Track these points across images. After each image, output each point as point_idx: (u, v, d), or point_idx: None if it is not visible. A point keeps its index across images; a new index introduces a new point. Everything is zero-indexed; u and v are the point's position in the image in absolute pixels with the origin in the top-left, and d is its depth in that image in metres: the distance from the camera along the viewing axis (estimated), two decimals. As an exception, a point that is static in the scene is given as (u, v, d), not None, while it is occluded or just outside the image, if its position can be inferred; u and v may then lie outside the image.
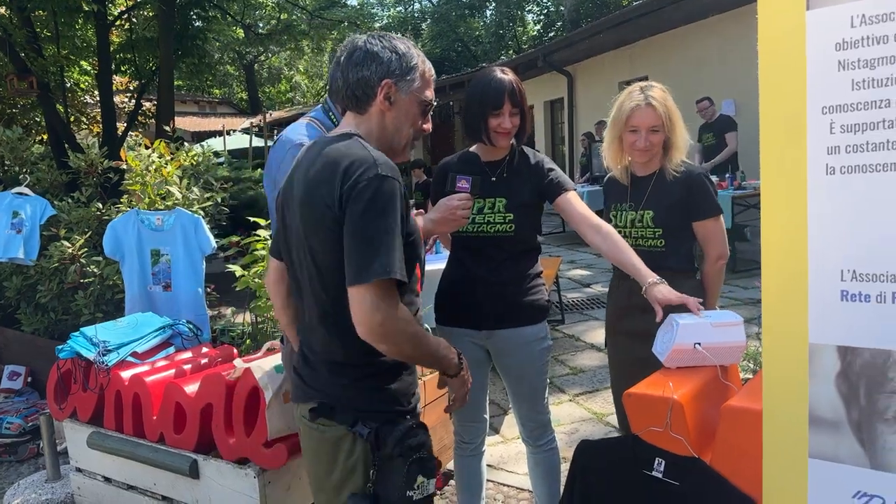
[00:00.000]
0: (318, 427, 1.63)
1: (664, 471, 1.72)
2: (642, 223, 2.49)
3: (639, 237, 2.50)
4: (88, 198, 4.59)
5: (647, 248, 2.46)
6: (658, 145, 2.44)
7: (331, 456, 1.62)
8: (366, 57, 1.60)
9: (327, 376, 1.63)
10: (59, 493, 3.34)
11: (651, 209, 2.47)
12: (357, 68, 1.60)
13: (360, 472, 1.60)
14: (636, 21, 9.99)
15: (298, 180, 1.60)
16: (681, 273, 2.43)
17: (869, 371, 1.27)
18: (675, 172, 2.45)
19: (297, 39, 15.26)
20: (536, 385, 2.45)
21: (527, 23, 27.68)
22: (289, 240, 1.66)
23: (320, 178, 1.52)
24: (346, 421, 1.59)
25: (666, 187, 2.46)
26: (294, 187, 1.61)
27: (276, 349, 2.76)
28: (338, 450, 1.61)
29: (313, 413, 1.63)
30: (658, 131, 2.41)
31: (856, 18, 1.24)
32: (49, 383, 3.14)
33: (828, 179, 1.28)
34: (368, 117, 1.64)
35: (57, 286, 4.29)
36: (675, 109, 2.44)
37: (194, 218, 3.60)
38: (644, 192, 2.50)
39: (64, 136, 7.59)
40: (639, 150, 2.44)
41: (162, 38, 7.86)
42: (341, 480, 1.62)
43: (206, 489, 2.61)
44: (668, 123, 2.41)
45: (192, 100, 23.42)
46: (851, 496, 1.30)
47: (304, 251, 1.59)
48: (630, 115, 2.41)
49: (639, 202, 2.51)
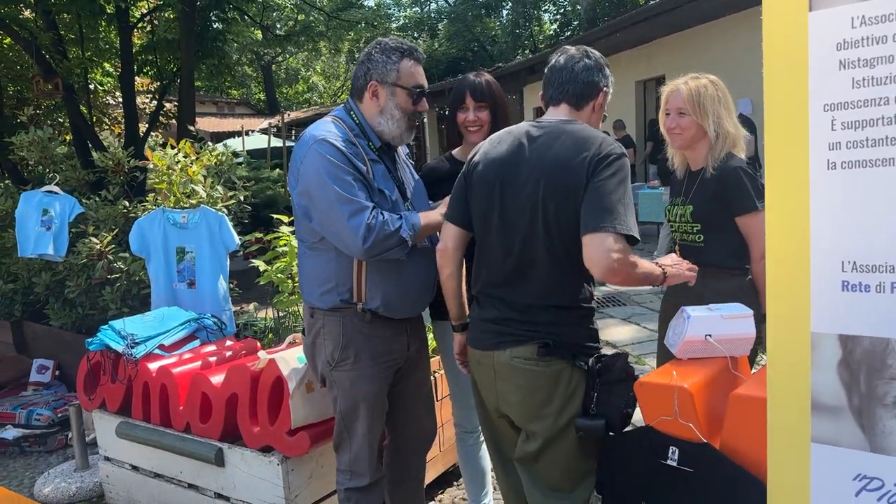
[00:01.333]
0: (539, 363, 1.90)
1: (678, 459, 1.78)
2: (684, 217, 2.56)
3: (683, 232, 2.57)
4: (115, 196, 4.71)
5: (689, 243, 2.54)
6: (688, 129, 2.48)
7: (550, 387, 1.91)
8: (595, 66, 2.04)
9: (550, 319, 1.91)
10: (88, 481, 3.45)
11: (692, 204, 2.53)
12: (588, 73, 2.02)
13: (578, 398, 1.92)
14: (653, 20, 10.00)
15: (532, 157, 1.91)
16: (721, 270, 2.44)
17: (869, 359, 1.32)
18: (715, 166, 2.46)
19: (314, 40, 15.42)
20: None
21: (543, 22, 27.65)
22: (505, 208, 1.94)
23: (571, 151, 1.86)
24: (566, 356, 1.90)
25: (705, 182, 2.49)
26: (524, 164, 1.92)
27: (298, 342, 2.85)
28: (557, 381, 1.91)
29: (542, 349, 1.88)
30: (685, 114, 2.47)
31: (856, 19, 1.29)
32: (79, 375, 3.25)
33: (829, 174, 1.33)
34: (582, 112, 2.03)
35: (85, 282, 4.41)
36: (716, 100, 2.46)
37: (219, 216, 3.70)
38: (692, 187, 2.56)
39: (88, 136, 7.75)
40: (668, 130, 2.54)
41: (183, 39, 7.98)
42: (561, 407, 1.91)
43: (230, 476, 2.70)
44: (697, 109, 2.44)
45: (210, 101, 23.63)
46: (852, 478, 1.35)
47: (534, 214, 1.88)
48: (665, 98, 2.56)
49: (687, 196, 2.58)
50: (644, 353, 5.00)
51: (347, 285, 2.15)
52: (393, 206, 2.18)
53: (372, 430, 2.27)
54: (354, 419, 2.25)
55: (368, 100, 2.20)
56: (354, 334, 2.17)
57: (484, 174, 1.99)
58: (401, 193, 2.25)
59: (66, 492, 3.41)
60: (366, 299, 2.16)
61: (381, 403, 2.28)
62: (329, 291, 2.17)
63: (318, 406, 2.55)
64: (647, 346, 5.18)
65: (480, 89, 2.44)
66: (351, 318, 2.17)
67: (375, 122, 2.20)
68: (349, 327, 2.17)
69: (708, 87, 2.47)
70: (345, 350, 2.18)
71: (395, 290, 2.18)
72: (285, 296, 3.43)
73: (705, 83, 2.48)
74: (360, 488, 2.30)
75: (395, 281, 2.18)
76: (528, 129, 1.99)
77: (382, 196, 2.16)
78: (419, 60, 2.23)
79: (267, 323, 4.00)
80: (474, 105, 2.44)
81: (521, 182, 1.91)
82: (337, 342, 2.18)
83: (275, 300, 3.52)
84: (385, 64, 2.17)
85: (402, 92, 2.18)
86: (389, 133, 2.21)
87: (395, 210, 2.17)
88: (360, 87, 2.21)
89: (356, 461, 2.29)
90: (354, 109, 2.22)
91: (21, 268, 4.98)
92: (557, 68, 2.04)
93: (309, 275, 2.24)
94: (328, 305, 2.18)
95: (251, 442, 2.64)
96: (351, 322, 2.17)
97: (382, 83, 2.17)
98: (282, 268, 3.46)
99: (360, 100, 2.22)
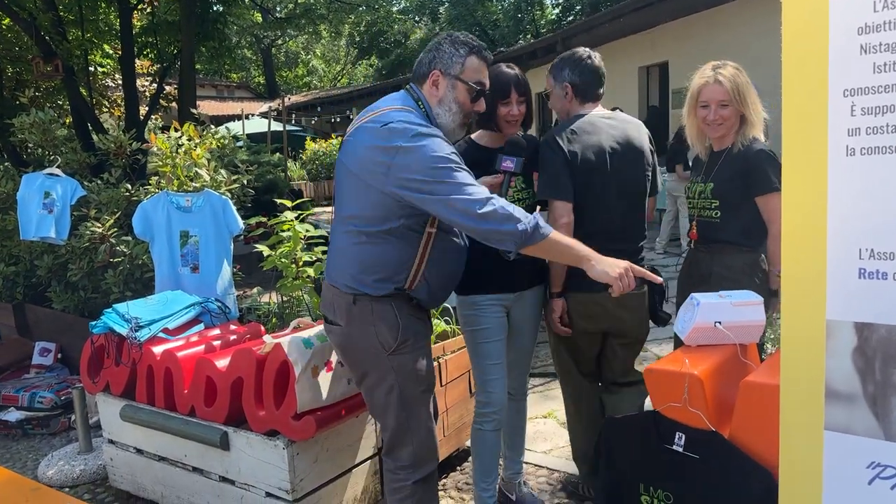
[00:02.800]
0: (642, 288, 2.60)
1: (685, 445, 1.78)
2: (704, 194, 2.64)
3: (700, 207, 2.67)
4: (117, 179, 4.68)
5: (705, 219, 2.65)
6: (730, 119, 2.54)
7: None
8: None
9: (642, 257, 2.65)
10: (92, 464, 3.46)
11: (713, 181, 2.60)
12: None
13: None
14: (657, 5, 9.91)
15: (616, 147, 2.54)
16: (732, 246, 2.58)
17: (885, 346, 1.31)
18: (741, 147, 2.55)
19: (315, 23, 15.30)
20: (535, 339, 2.81)
21: (545, 7, 27.46)
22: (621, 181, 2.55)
23: (641, 138, 2.64)
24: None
25: (730, 161, 2.57)
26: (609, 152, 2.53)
27: (302, 326, 2.84)
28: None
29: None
30: (727, 105, 2.52)
31: (878, 3, 1.27)
32: (83, 358, 3.24)
33: (848, 160, 1.32)
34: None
35: (87, 265, 4.40)
36: (748, 86, 2.53)
37: (222, 199, 3.68)
38: (714, 166, 2.63)
39: (88, 118, 7.69)
40: (709, 124, 2.59)
41: (184, 21, 7.91)
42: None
43: (235, 460, 2.71)
44: (738, 98, 2.51)
45: (210, 84, 23.56)
46: (865, 466, 1.35)
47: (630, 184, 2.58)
48: (699, 91, 2.59)
49: (708, 175, 2.65)
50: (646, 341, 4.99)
51: (405, 273, 2.13)
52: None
53: (431, 412, 2.30)
54: (419, 403, 2.22)
55: (428, 88, 2.19)
56: (408, 318, 2.17)
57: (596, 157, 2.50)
58: None
59: (69, 474, 3.41)
60: (414, 288, 2.16)
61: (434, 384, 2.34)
62: (385, 280, 2.12)
63: (323, 390, 2.55)
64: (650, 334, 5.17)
65: (523, 84, 2.54)
66: (401, 304, 2.16)
67: (433, 113, 2.19)
68: (403, 311, 2.16)
69: (739, 76, 2.53)
70: (404, 332, 2.15)
71: (444, 283, 2.23)
72: (289, 280, 3.42)
73: (735, 72, 2.54)
74: (426, 477, 2.26)
75: (448, 274, 2.23)
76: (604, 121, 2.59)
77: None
78: (486, 60, 2.22)
79: (271, 307, 3.99)
80: (517, 99, 2.52)
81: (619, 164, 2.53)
82: (393, 326, 2.14)
83: (279, 285, 3.52)
84: (452, 56, 2.16)
85: (462, 86, 2.17)
86: (444, 126, 2.17)
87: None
88: (422, 73, 2.20)
89: (421, 448, 2.23)
90: (422, 98, 2.18)
91: (23, 250, 4.97)
92: (602, 71, 2.63)
93: (364, 262, 2.13)
94: (382, 293, 2.13)
95: (256, 426, 2.64)
96: (402, 307, 2.17)
97: (445, 74, 2.16)
98: (285, 252, 3.45)
99: (421, 87, 2.21)
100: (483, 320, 2.58)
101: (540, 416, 3.88)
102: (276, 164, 11.23)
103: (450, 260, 2.22)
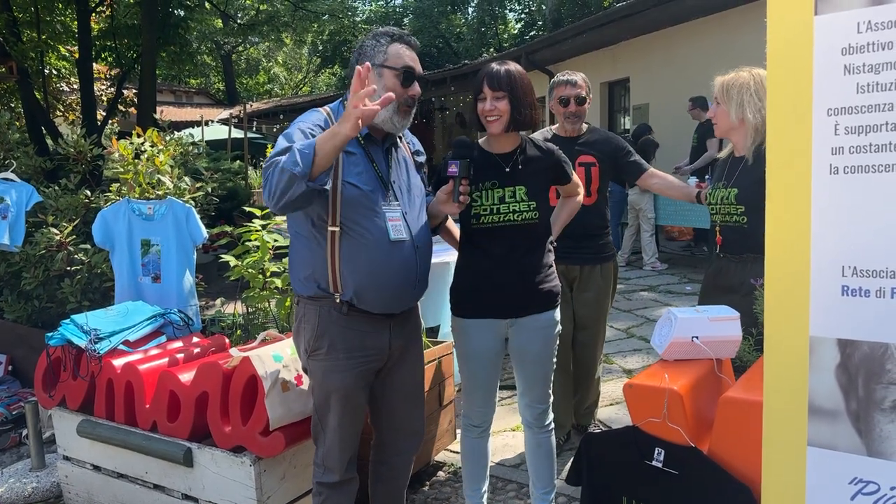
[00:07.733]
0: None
1: (664, 460, 1.78)
2: (728, 200, 2.59)
3: (725, 213, 2.61)
4: (76, 185, 4.53)
5: (732, 224, 2.58)
6: (719, 117, 2.64)
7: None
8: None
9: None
10: (45, 481, 3.32)
11: (737, 187, 2.57)
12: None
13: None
14: (619, 22, 10.07)
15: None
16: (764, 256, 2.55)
17: (867, 363, 1.32)
18: (753, 154, 2.54)
19: (279, 31, 15.18)
20: (548, 369, 2.55)
21: (508, 21, 27.74)
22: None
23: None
24: None
25: (752, 166, 2.53)
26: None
27: (270, 339, 2.77)
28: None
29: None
30: (720, 103, 2.61)
31: (862, 24, 1.29)
32: (37, 371, 3.11)
33: (831, 179, 1.33)
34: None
35: (42, 273, 4.23)
36: (744, 89, 2.53)
37: (186, 207, 3.58)
38: (735, 171, 2.61)
39: (43, 122, 7.48)
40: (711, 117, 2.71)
41: (145, 25, 7.76)
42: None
43: (199, 477, 2.62)
44: (724, 98, 2.58)
45: (168, 89, 23.12)
46: (848, 482, 1.36)
47: None
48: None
49: (730, 180, 2.62)
50: (611, 353, 5.03)
51: (324, 274, 2.16)
52: (367, 198, 2.15)
53: (342, 425, 2.23)
54: (326, 411, 2.24)
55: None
56: (330, 324, 2.17)
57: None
58: (384, 190, 2.21)
59: (20, 492, 3.26)
60: (341, 290, 2.15)
61: (354, 399, 2.24)
62: (308, 278, 2.19)
63: (294, 405, 2.49)
64: (615, 346, 5.23)
65: (498, 78, 2.34)
66: (328, 309, 2.18)
67: None
68: (325, 317, 2.18)
69: (742, 78, 2.55)
70: (319, 339, 2.18)
71: (368, 282, 2.16)
72: (256, 291, 3.35)
73: (743, 74, 2.56)
74: (331, 484, 2.28)
75: (367, 272, 2.15)
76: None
77: (356, 189, 2.14)
78: (411, 45, 2.23)
79: (235, 319, 3.90)
80: (491, 94, 2.35)
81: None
82: (313, 330, 2.19)
83: (245, 295, 3.43)
84: (374, 47, 2.19)
85: (389, 72, 2.17)
86: (380, 115, 2.13)
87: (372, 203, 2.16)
88: (350, 74, 2.17)
89: (328, 456, 2.28)
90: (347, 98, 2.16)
91: (-27, 258, 4.75)
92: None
93: (293, 261, 2.28)
94: (308, 293, 2.21)
95: (222, 442, 2.56)
96: (328, 312, 2.18)
97: (372, 66, 2.15)
98: (252, 263, 3.37)
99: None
100: (465, 342, 2.48)
101: (509, 429, 3.86)
102: (236, 172, 11.04)
103: (365, 260, 2.14)
